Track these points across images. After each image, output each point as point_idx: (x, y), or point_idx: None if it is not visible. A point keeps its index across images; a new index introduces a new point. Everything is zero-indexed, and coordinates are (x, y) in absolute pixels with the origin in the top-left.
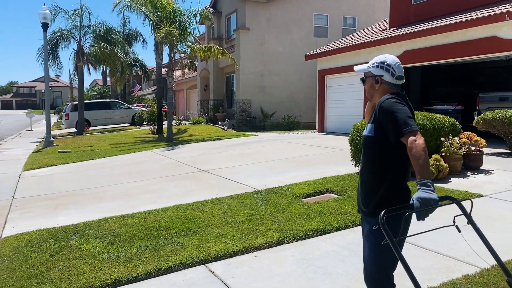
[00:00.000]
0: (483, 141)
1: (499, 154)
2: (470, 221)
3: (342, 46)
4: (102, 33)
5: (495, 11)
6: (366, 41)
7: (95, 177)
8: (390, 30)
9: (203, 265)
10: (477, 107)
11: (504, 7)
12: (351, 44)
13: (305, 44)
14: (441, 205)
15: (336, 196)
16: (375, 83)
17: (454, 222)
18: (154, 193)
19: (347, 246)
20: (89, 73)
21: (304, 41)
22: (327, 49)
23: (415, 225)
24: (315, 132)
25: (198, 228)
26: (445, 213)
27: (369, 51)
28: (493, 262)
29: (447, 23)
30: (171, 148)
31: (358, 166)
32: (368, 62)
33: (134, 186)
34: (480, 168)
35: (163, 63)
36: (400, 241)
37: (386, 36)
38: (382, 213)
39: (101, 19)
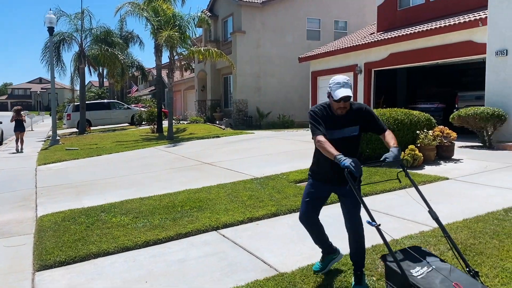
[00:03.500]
0: (454, 134)
1: (472, 147)
2: (407, 175)
3: (333, 49)
4: (102, 36)
5: (470, 18)
6: (355, 44)
7: (107, 170)
8: (378, 34)
9: (215, 231)
10: (456, 105)
11: (478, 14)
12: (341, 48)
13: (298, 47)
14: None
15: None
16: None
17: (397, 176)
18: (164, 182)
19: (330, 215)
20: (90, 74)
21: (298, 44)
22: (319, 52)
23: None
24: (308, 130)
25: (208, 205)
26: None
27: (358, 53)
28: (442, 223)
29: (428, 28)
30: (173, 145)
31: None
32: (356, 65)
33: (145, 176)
34: (452, 157)
35: (162, 64)
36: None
37: (373, 40)
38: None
39: (101, 22)
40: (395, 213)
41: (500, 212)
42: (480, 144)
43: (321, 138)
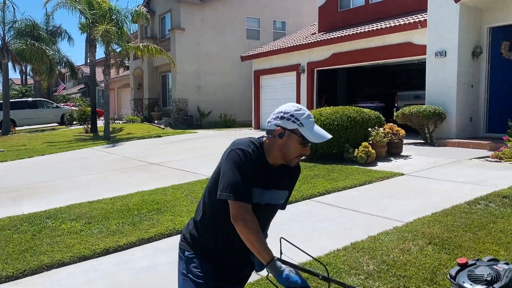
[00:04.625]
0: (402, 131)
1: (415, 144)
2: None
3: (276, 48)
4: (28, 29)
5: (409, 20)
6: (298, 44)
7: (44, 172)
8: (319, 34)
9: (180, 234)
10: (396, 104)
11: (416, 17)
12: (284, 47)
13: (238, 46)
14: None
15: None
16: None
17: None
18: (111, 184)
19: (300, 214)
20: (15, 70)
21: (238, 42)
22: (262, 51)
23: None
24: (251, 129)
25: (167, 207)
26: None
27: (301, 53)
28: (412, 218)
29: (370, 29)
30: (112, 145)
31: None
32: (299, 65)
33: (88, 178)
34: (401, 154)
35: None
36: None
37: (316, 40)
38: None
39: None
40: (363, 209)
41: (464, 205)
42: (422, 141)
43: (248, 210)
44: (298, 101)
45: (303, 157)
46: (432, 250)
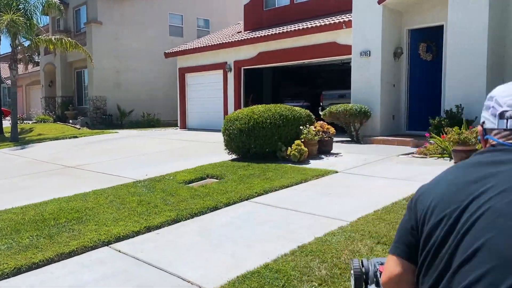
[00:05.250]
0: (333, 129)
1: (342, 141)
2: None
3: (202, 45)
4: None
5: (334, 20)
6: (225, 41)
7: None
8: (246, 33)
9: (106, 246)
10: (321, 103)
11: (341, 17)
12: (211, 44)
13: (161, 42)
14: None
15: (217, 180)
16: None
17: None
18: (22, 190)
19: (239, 217)
20: None
21: (160, 39)
22: (188, 48)
23: None
24: (177, 129)
25: (89, 216)
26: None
27: (227, 51)
28: (355, 217)
29: (296, 28)
30: (21, 148)
31: (231, 154)
32: (226, 63)
33: None
34: (331, 152)
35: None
36: None
37: (243, 38)
38: None
39: None
40: (305, 209)
41: (403, 202)
42: (349, 138)
43: None
44: (225, 100)
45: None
46: (382, 250)
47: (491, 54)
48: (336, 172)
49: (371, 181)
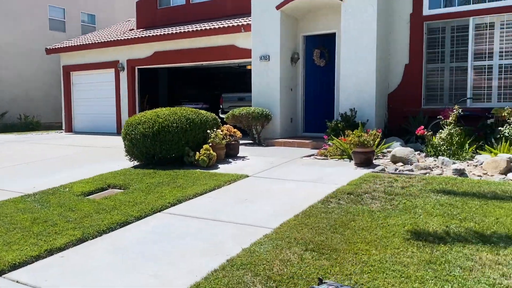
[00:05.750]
0: (239, 133)
1: (245, 144)
2: None
3: (91, 42)
4: None
5: (233, 23)
6: (117, 39)
7: None
8: (139, 31)
9: (0, 277)
10: (221, 106)
11: (240, 21)
12: (101, 41)
13: (40, 37)
14: None
15: (121, 190)
16: None
17: None
18: None
19: (155, 231)
20: None
21: (39, 33)
22: (74, 44)
23: None
24: (62, 132)
25: None
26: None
27: (119, 49)
28: (277, 223)
29: (194, 29)
30: None
31: (133, 161)
32: (118, 62)
33: None
34: (238, 155)
35: None
36: None
37: (137, 36)
38: None
39: None
40: (224, 218)
41: (319, 205)
42: (251, 141)
43: None
44: (118, 101)
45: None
46: (311, 258)
47: (379, 61)
48: (247, 176)
49: (282, 184)
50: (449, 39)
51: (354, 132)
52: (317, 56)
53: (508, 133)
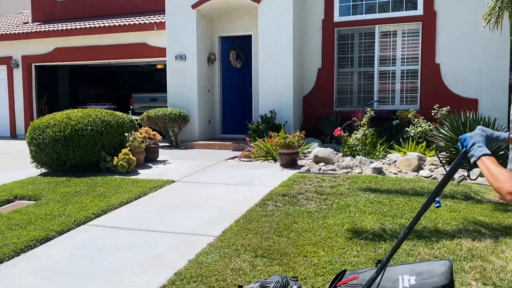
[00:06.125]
0: (159, 136)
1: (162, 147)
2: None
3: None
4: None
5: (144, 20)
6: (10, 32)
7: None
8: (35, 24)
9: None
10: (131, 107)
11: (152, 18)
12: None
13: None
14: None
15: (32, 202)
16: None
17: None
18: None
19: (84, 246)
20: None
21: None
22: None
23: None
24: None
25: None
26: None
27: (12, 43)
28: (219, 230)
29: (101, 25)
30: None
31: (40, 168)
32: (11, 58)
33: None
34: (158, 159)
35: None
36: None
37: (34, 30)
38: None
39: None
40: (160, 227)
41: (257, 208)
42: (168, 144)
43: None
44: (12, 101)
45: None
46: (263, 264)
47: (295, 65)
48: (173, 181)
49: (212, 188)
50: (357, 45)
51: (279, 134)
52: (233, 58)
53: (413, 133)
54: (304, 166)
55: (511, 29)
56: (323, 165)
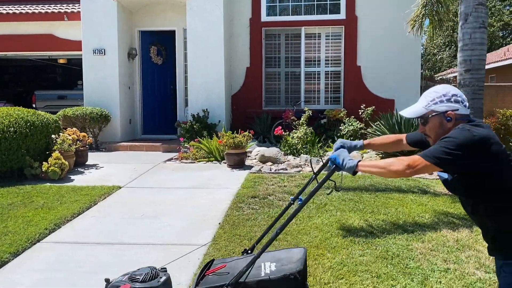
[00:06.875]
0: (90, 139)
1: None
2: None
3: None
4: None
5: (53, 9)
6: None
7: None
8: None
9: None
10: (34, 105)
11: (61, 7)
12: None
13: None
14: None
15: None
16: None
17: None
18: None
19: (53, 267)
20: None
21: None
22: None
23: None
24: None
25: None
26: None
27: None
28: (206, 238)
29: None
30: None
31: None
32: None
33: None
34: (87, 163)
35: None
36: None
37: None
38: None
39: None
40: (133, 239)
41: (234, 212)
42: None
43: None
44: None
45: None
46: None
47: (227, 63)
48: (120, 187)
49: (170, 193)
50: (284, 46)
51: (227, 134)
52: (154, 53)
53: (346, 132)
54: (252, 166)
55: (430, 35)
56: (271, 165)
